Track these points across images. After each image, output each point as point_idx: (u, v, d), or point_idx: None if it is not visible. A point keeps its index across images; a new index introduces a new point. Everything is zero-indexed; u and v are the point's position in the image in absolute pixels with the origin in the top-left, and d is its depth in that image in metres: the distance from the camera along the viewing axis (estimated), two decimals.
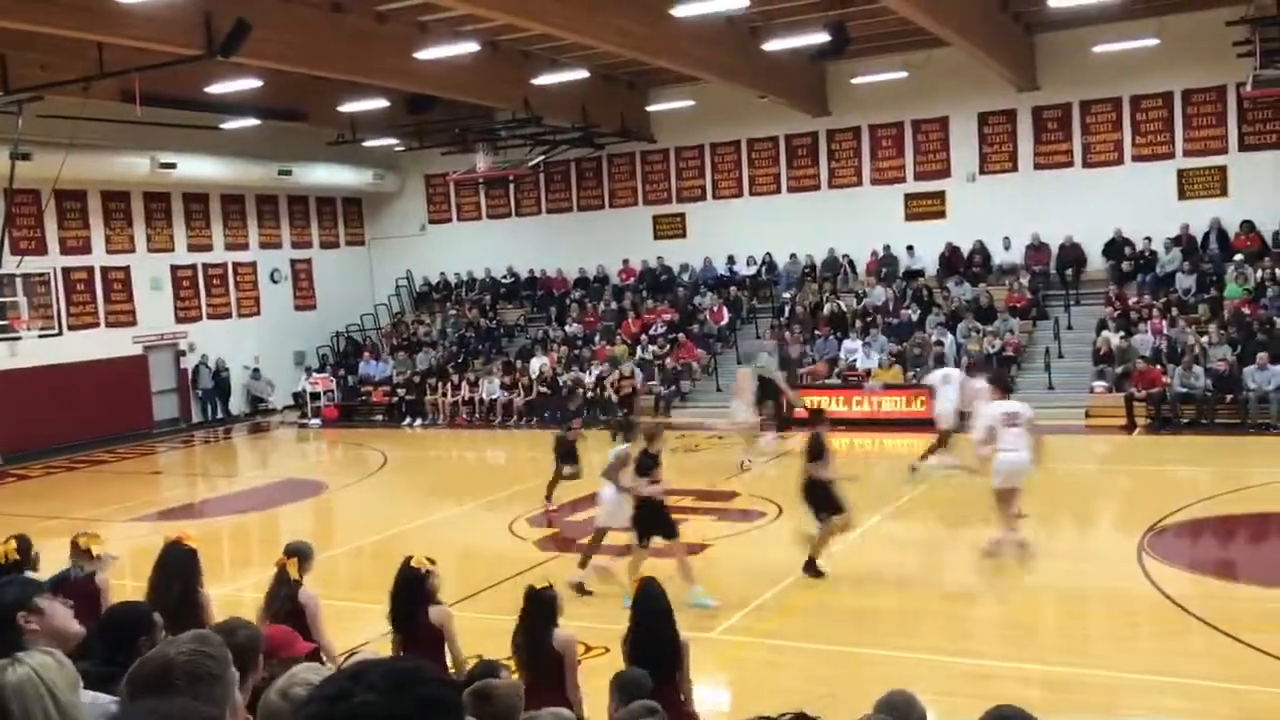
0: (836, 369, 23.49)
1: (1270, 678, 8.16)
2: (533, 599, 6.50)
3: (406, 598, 6.80)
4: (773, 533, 13.81)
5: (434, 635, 6.65)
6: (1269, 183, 22.91)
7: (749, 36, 21.93)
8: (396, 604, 6.84)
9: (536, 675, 6.28)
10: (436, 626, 6.68)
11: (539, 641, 6.38)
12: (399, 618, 6.84)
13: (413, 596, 6.79)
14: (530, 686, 5.63)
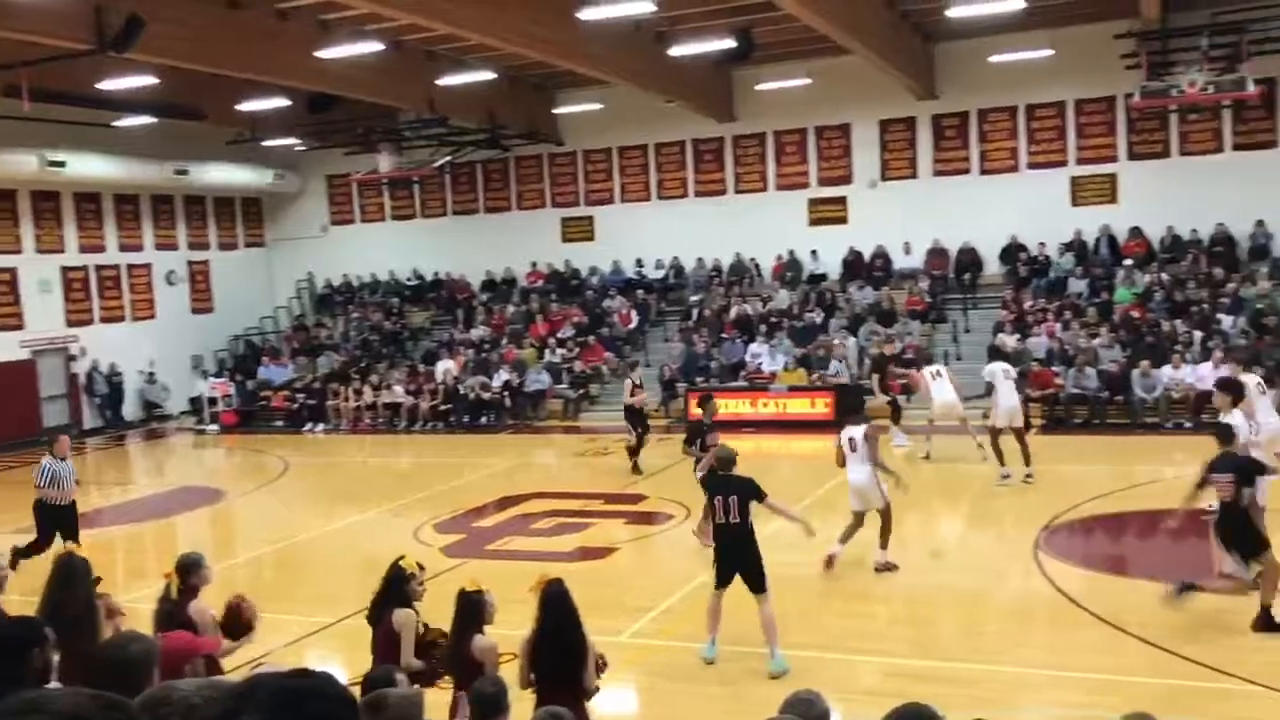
0: (742, 372, 23.71)
1: (1156, 668, 8.46)
2: (461, 602, 6.44)
3: (383, 595, 6.83)
4: (681, 535, 13.87)
5: (393, 638, 6.61)
6: (1155, 190, 23.80)
7: (656, 41, 22.02)
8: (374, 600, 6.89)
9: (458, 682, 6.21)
10: (395, 629, 6.63)
11: (460, 646, 6.32)
12: (371, 615, 6.88)
13: (389, 596, 6.79)
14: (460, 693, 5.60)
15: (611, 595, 10.97)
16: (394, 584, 6.84)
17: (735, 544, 9.02)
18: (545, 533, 14.29)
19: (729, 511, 8.99)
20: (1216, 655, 8.51)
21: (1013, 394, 15.21)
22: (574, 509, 15.68)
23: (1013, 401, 15.16)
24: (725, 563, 9.08)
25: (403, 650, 6.59)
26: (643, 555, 13.19)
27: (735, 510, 8.96)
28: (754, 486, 9.05)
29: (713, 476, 9.41)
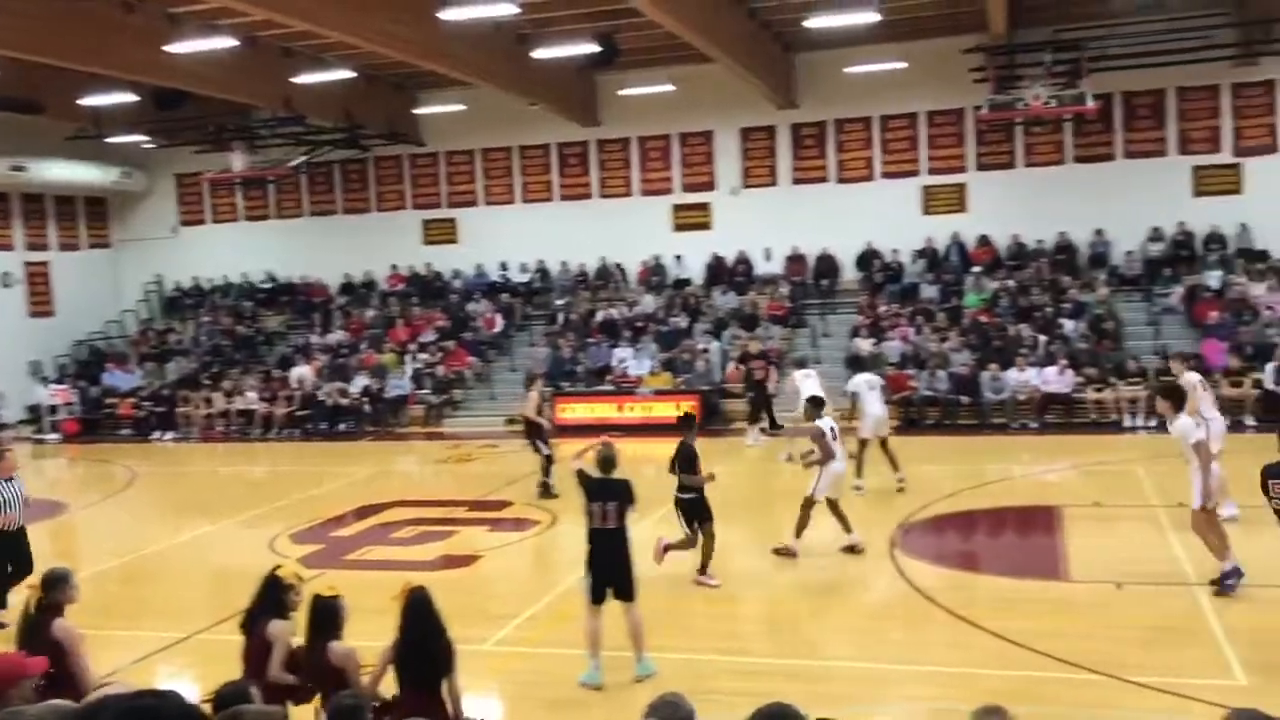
0: (608, 376, 23.76)
1: (1005, 661, 8.77)
2: (316, 608, 6.24)
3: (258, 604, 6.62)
4: (546, 542, 13.80)
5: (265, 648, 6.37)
6: (1002, 200, 24.80)
7: (518, 43, 21.91)
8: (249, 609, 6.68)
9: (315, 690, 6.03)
10: (269, 640, 6.37)
11: (317, 654, 6.13)
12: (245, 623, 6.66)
13: (264, 605, 6.58)
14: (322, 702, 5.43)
15: (475, 603, 10.83)
16: (270, 593, 6.60)
17: (609, 551, 8.71)
18: (407, 541, 14.03)
19: (606, 517, 8.69)
20: (1061, 646, 8.87)
21: (878, 404, 15.29)
22: (437, 517, 15.44)
23: (878, 412, 15.23)
24: (598, 573, 8.74)
25: (272, 661, 6.36)
26: (507, 562, 13.06)
27: (614, 516, 8.69)
28: (632, 492, 8.82)
29: (591, 480, 8.94)
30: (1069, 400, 20.38)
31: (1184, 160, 23.86)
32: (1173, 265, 23.35)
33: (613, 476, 8.92)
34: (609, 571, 8.70)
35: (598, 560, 8.75)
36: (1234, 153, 23.63)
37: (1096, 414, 20.10)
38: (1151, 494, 14.30)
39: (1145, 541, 12.14)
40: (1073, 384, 20.42)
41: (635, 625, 8.75)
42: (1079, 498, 14.50)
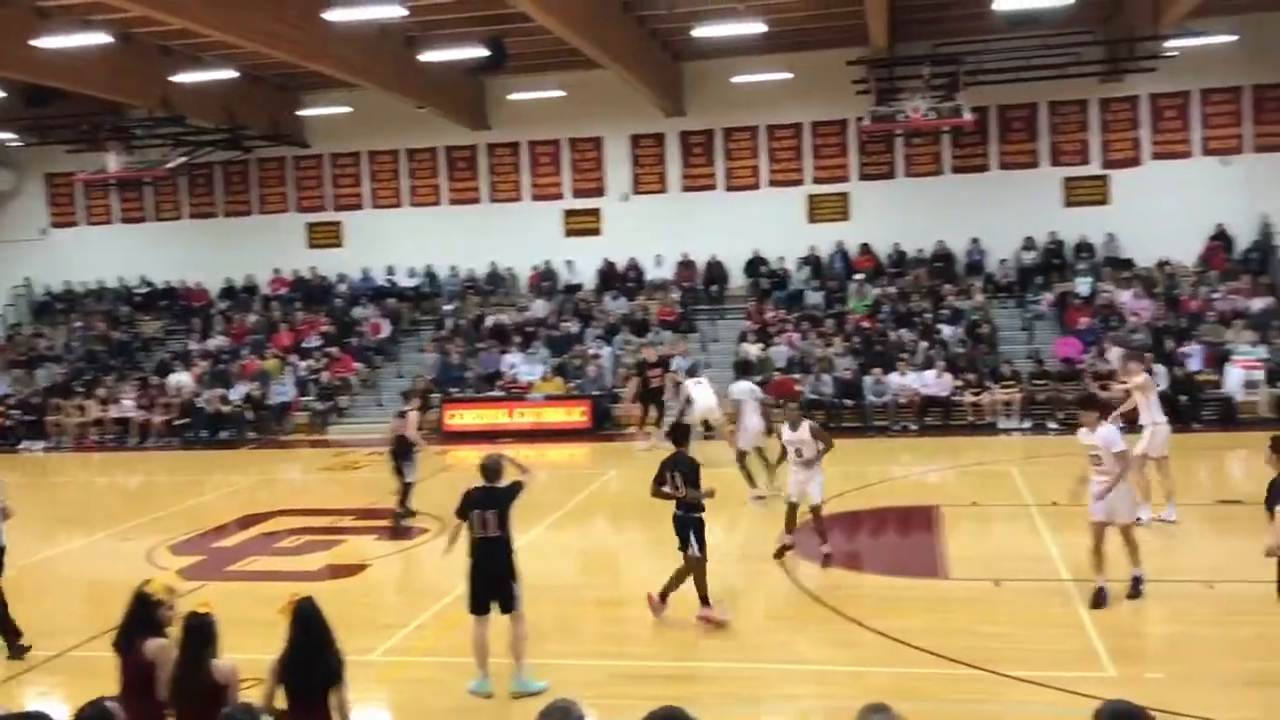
0: (498, 382, 23.63)
1: (889, 658, 9.00)
2: (189, 627, 6.06)
3: (129, 623, 6.32)
4: (434, 549, 13.64)
5: (146, 668, 6.11)
6: (883, 209, 25.44)
7: (406, 46, 21.67)
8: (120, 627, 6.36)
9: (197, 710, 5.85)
10: (149, 660, 6.13)
11: (198, 673, 5.95)
12: (118, 642, 6.35)
13: (135, 623, 6.29)
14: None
15: (363, 613, 10.67)
16: (140, 610, 6.35)
17: (491, 560, 8.54)
18: (291, 551, 13.75)
19: (486, 525, 8.54)
20: (942, 643, 9.14)
21: (756, 416, 15.13)
22: (322, 525, 15.16)
23: (756, 424, 15.07)
24: (480, 583, 8.58)
25: (158, 682, 6.16)
26: (396, 571, 12.90)
27: (494, 524, 8.54)
28: (514, 498, 8.69)
29: (473, 489, 8.71)
30: (947, 403, 20.99)
31: (1055, 172, 24.85)
32: (1044, 273, 24.27)
33: (496, 485, 8.72)
34: (491, 582, 8.55)
35: (479, 570, 8.59)
36: (1102, 165, 24.70)
37: (973, 416, 20.76)
38: (1025, 493, 14.83)
39: (1020, 539, 12.57)
40: (950, 387, 21.04)
41: (516, 638, 8.56)
42: (957, 498, 14.96)
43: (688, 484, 9.78)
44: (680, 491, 9.79)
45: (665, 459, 10.02)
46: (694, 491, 9.76)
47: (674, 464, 9.91)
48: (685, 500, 9.81)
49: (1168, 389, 19.20)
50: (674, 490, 9.85)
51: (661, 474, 9.94)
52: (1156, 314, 22.10)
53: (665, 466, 9.94)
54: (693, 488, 9.77)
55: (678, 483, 9.83)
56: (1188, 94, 24.13)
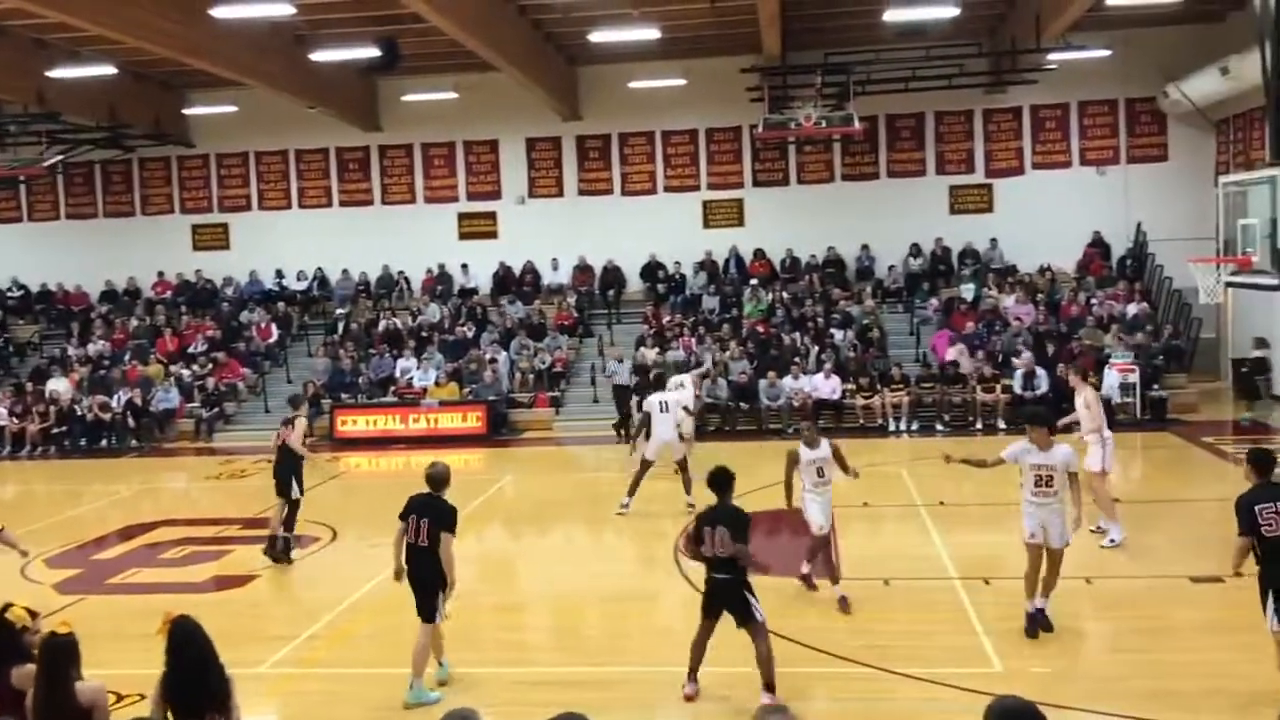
0: (392, 387, 23.29)
1: (785, 658, 9.08)
2: (46, 648, 5.81)
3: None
4: (326, 558, 13.38)
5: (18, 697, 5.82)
6: (777, 215, 25.83)
7: (296, 44, 21.25)
8: None
9: None
10: (19, 689, 5.84)
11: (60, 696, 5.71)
12: None
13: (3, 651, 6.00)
14: None
15: (251, 625, 10.43)
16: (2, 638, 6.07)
17: (417, 566, 8.49)
18: (176, 562, 13.33)
19: (419, 533, 8.41)
20: (836, 642, 9.29)
21: (668, 428, 14.49)
22: (208, 535, 14.74)
23: (666, 435, 14.47)
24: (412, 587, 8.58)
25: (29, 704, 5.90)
26: (285, 581, 12.59)
27: (425, 533, 8.39)
28: (451, 517, 8.45)
29: (417, 495, 8.58)
30: (839, 406, 21.36)
31: (941, 180, 25.54)
32: (931, 279, 24.90)
33: (439, 495, 8.56)
34: (416, 588, 8.54)
35: (410, 576, 8.57)
36: (986, 174, 25.48)
37: (864, 418, 21.16)
38: (915, 494, 15.16)
39: (910, 540, 12.85)
40: (841, 390, 21.41)
41: (417, 647, 8.50)
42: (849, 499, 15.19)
43: (736, 540, 8.12)
44: (727, 550, 8.11)
45: (702, 514, 8.49)
46: (744, 549, 8.21)
47: (715, 518, 8.26)
48: (733, 561, 8.15)
49: (1048, 392, 19.89)
50: (718, 549, 8.14)
51: (699, 532, 8.31)
52: (1038, 319, 22.82)
53: (704, 522, 8.32)
54: (742, 544, 8.18)
55: (722, 540, 8.12)
56: (1066, 106, 25.05)
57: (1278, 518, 7.42)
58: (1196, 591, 10.40)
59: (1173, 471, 16.78)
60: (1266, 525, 7.43)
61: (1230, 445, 17.85)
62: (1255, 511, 7.47)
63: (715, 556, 8.14)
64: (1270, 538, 7.43)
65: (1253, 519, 7.47)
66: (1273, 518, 7.42)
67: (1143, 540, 12.42)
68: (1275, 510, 7.44)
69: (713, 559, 8.18)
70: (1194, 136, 24.35)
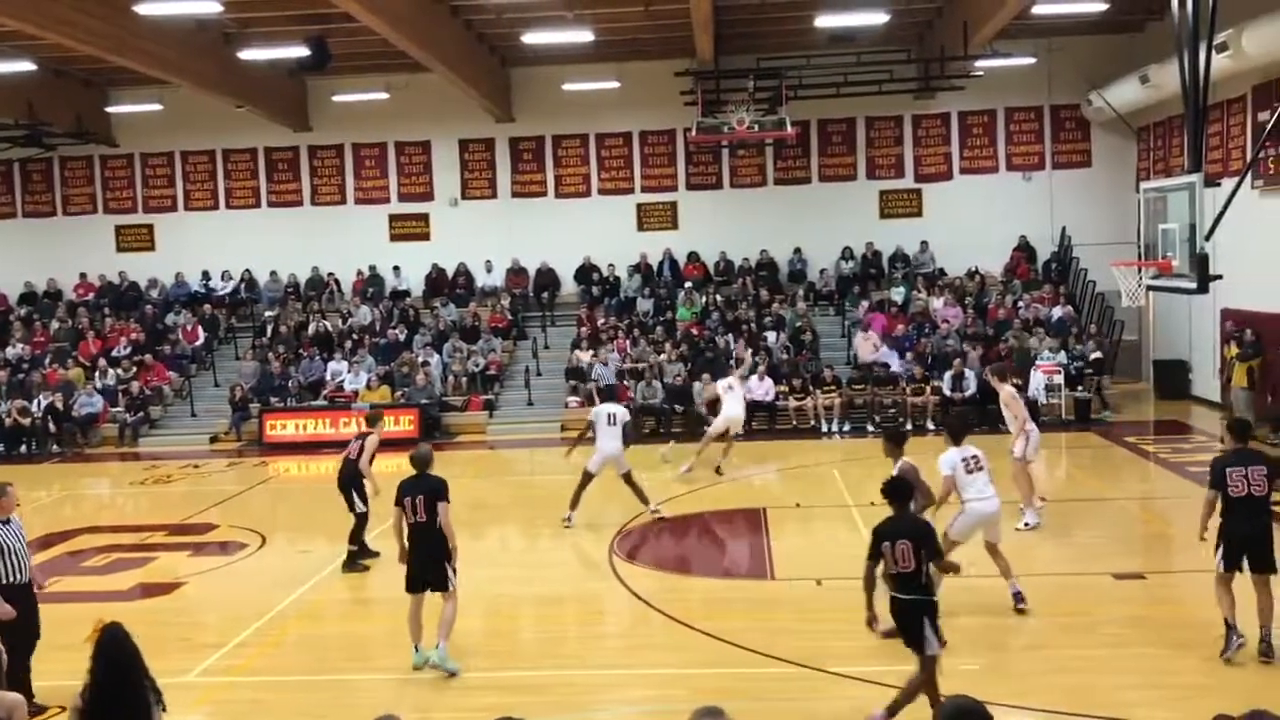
0: (322, 391, 22.98)
1: (720, 660, 9.15)
2: None
3: None
4: (255, 565, 13.17)
5: None
6: (710, 218, 25.96)
7: (224, 43, 20.90)
8: None
9: None
10: None
11: None
12: None
13: None
14: None
15: (178, 633, 10.24)
16: None
17: (422, 544, 8.96)
18: (99, 570, 13.01)
19: (417, 510, 8.92)
20: (770, 643, 9.34)
21: (613, 440, 13.79)
22: (133, 543, 14.41)
23: (610, 449, 13.79)
24: (416, 564, 9.02)
25: None
26: (213, 588, 12.35)
27: (423, 509, 8.91)
28: (443, 489, 9.00)
29: (406, 480, 9.13)
30: (772, 408, 21.51)
31: (872, 185, 25.87)
32: (862, 282, 25.19)
33: (426, 473, 9.11)
34: (426, 564, 8.97)
35: (414, 553, 9.03)
36: (915, 179, 25.85)
37: (797, 420, 21.34)
38: (846, 494, 15.33)
39: (841, 539, 12.96)
40: (774, 393, 21.57)
41: (447, 615, 9.00)
42: (782, 500, 15.35)
43: (927, 558, 7.38)
44: (910, 566, 7.32)
45: (880, 527, 7.52)
46: (941, 561, 7.59)
47: (897, 532, 7.41)
48: (916, 578, 7.36)
49: (975, 394, 20.22)
50: (900, 565, 7.34)
51: (877, 548, 7.42)
52: (966, 321, 23.20)
53: (884, 537, 7.41)
54: (932, 560, 7.45)
55: (907, 557, 7.32)
56: (993, 112, 25.52)
57: (1244, 480, 8.41)
58: (1120, 588, 10.65)
59: (1096, 471, 17.14)
60: (1233, 486, 8.43)
61: (1151, 445, 18.31)
62: (1225, 473, 8.48)
63: (899, 573, 7.35)
64: (1234, 496, 8.43)
65: (1222, 478, 8.49)
66: (1239, 479, 8.42)
67: (1067, 538, 12.69)
68: (1242, 474, 8.42)
69: (896, 576, 7.38)
70: (1116, 143, 24.95)
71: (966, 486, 9.65)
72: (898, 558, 7.33)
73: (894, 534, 7.39)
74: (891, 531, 7.41)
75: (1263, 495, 8.43)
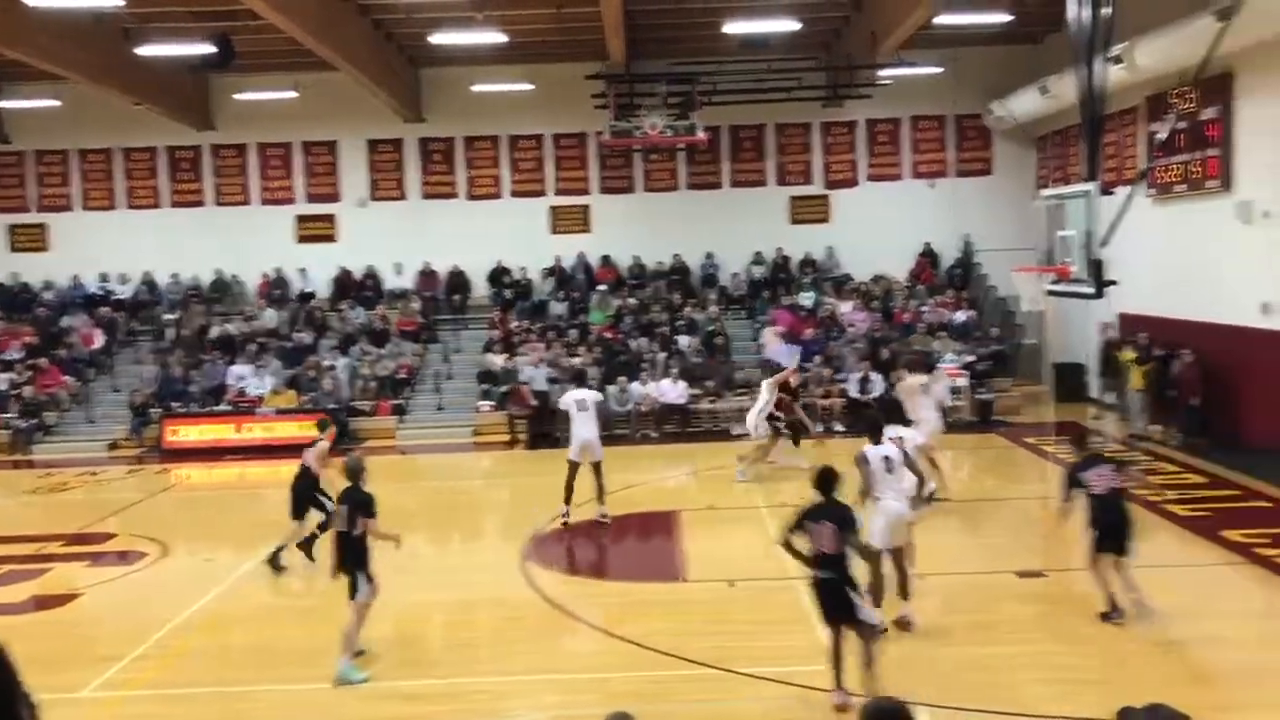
0: (225, 396, 22.44)
1: (632, 663, 9.15)
2: None
3: None
4: (155, 575, 12.80)
5: None
6: (623, 222, 26.00)
7: (124, 38, 20.31)
8: None
9: None
10: None
11: None
12: None
13: None
14: None
15: (74, 646, 9.92)
16: None
17: (344, 551, 9.24)
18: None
19: (343, 519, 9.23)
20: (682, 645, 9.37)
21: (588, 427, 13.99)
22: (25, 553, 13.90)
23: (586, 435, 13.96)
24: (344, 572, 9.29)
25: None
26: (112, 599, 11.98)
27: (343, 520, 9.21)
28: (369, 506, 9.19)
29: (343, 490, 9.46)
30: (685, 411, 21.61)
31: (782, 191, 26.17)
32: (773, 286, 25.46)
33: (355, 485, 9.34)
34: (346, 571, 9.25)
35: (340, 563, 9.30)
36: (824, 185, 26.21)
37: (710, 423, 21.48)
38: (758, 497, 15.45)
39: (753, 541, 13.07)
40: (687, 395, 21.68)
41: (346, 626, 9.12)
42: (695, 502, 15.42)
43: (849, 540, 7.99)
44: (834, 547, 7.90)
45: (807, 510, 8.11)
46: (857, 542, 8.18)
47: (821, 515, 7.99)
48: (838, 559, 7.92)
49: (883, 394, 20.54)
50: (824, 546, 7.93)
51: (799, 523, 8.06)
52: (873, 325, 23.59)
53: (809, 518, 8.03)
54: (852, 541, 8.06)
55: (831, 539, 7.90)
56: (899, 121, 26.00)
57: (1099, 479, 9.61)
58: (1022, 585, 10.91)
59: (998, 471, 17.55)
60: (1091, 486, 9.62)
61: (1051, 446, 18.81)
62: (1082, 477, 9.68)
63: (821, 554, 7.91)
64: (1095, 495, 9.60)
65: (1080, 482, 9.69)
66: (1095, 479, 9.61)
67: (972, 537, 12.97)
68: (1097, 474, 9.64)
69: (818, 556, 7.95)
70: (1017, 152, 25.61)
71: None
72: (822, 540, 7.89)
73: (818, 516, 7.99)
74: (816, 514, 8.02)
75: (1116, 489, 9.66)
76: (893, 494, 9.73)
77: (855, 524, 8.09)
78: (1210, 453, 16.68)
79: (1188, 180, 18.40)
